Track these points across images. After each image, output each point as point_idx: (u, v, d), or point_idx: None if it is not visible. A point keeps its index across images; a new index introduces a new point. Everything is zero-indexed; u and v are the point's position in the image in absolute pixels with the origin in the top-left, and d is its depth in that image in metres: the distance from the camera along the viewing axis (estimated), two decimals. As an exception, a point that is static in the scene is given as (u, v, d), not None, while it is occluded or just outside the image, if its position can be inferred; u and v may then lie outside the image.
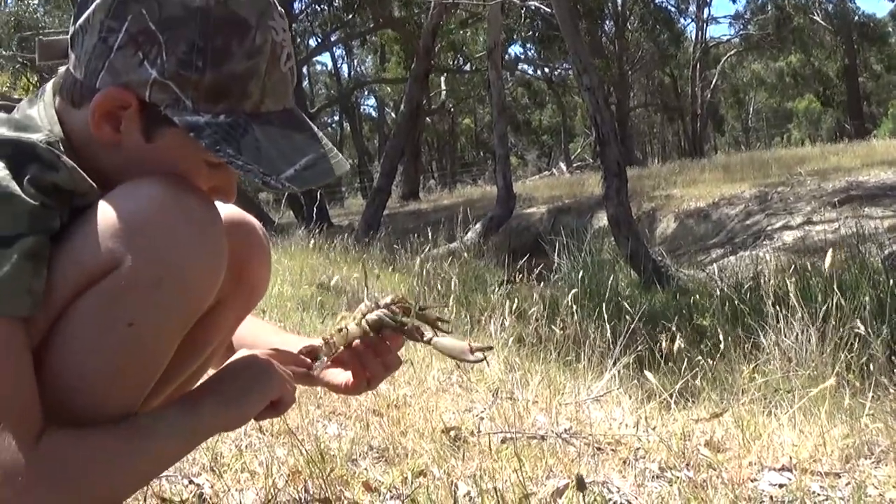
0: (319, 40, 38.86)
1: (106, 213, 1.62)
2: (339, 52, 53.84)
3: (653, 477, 2.88)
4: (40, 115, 1.73)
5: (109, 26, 1.65)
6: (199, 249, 1.66)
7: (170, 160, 1.72)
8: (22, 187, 1.54)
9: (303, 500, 2.45)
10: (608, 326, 5.75)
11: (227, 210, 1.92)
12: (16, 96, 21.54)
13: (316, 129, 1.82)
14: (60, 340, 1.62)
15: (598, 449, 3.18)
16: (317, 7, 39.20)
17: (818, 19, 47.79)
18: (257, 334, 2.28)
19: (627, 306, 6.92)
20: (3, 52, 28.44)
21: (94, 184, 1.69)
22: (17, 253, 1.52)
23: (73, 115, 1.73)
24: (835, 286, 5.96)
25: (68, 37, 1.76)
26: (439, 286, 9.55)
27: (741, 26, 55.03)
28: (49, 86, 1.80)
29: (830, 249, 6.10)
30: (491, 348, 2.12)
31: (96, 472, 1.63)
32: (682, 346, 5.12)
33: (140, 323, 1.62)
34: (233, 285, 1.93)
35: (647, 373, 3.97)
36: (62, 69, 1.79)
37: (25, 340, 1.57)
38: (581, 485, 2.05)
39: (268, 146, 1.69)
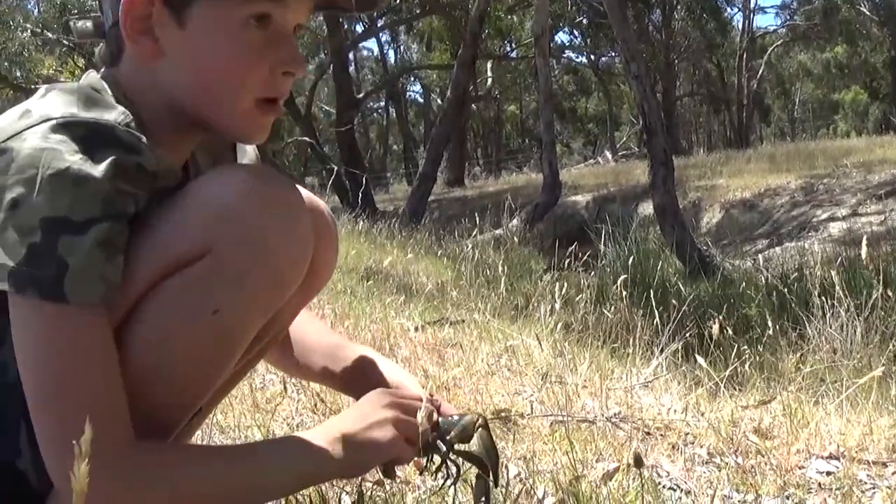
0: (366, 26, 38.77)
1: (193, 200, 1.62)
2: (385, 37, 53.87)
3: (701, 462, 2.90)
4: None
5: None
6: (287, 237, 1.66)
7: (213, 38, 1.66)
8: (99, 170, 1.48)
9: (356, 479, 2.47)
10: (656, 314, 5.76)
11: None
12: (62, 79, 21.60)
13: None
14: (140, 326, 1.60)
15: (647, 433, 3.21)
16: (364, -8, 39.12)
17: (865, 10, 47.29)
18: (321, 338, 2.27)
19: (674, 294, 6.93)
20: (50, 36, 28.50)
21: (172, 164, 1.68)
22: (90, 239, 1.47)
23: (119, 72, 1.71)
24: (880, 277, 5.95)
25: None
26: (486, 271, 9.58)
27: (788, 16, 54.60)
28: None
29: (864, 239, 6.08)
30: None
31: (195, 490, 1.62)
32: (730, 333, 5.13)
33: (225, 310, 1.62)
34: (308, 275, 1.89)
35: (697, 356, 3.97)
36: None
37: (107, 331, 1.55)
38: (638, 462, 2.07)
39: None
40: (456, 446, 1.93)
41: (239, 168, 1.68)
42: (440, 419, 1.93)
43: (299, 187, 1.79)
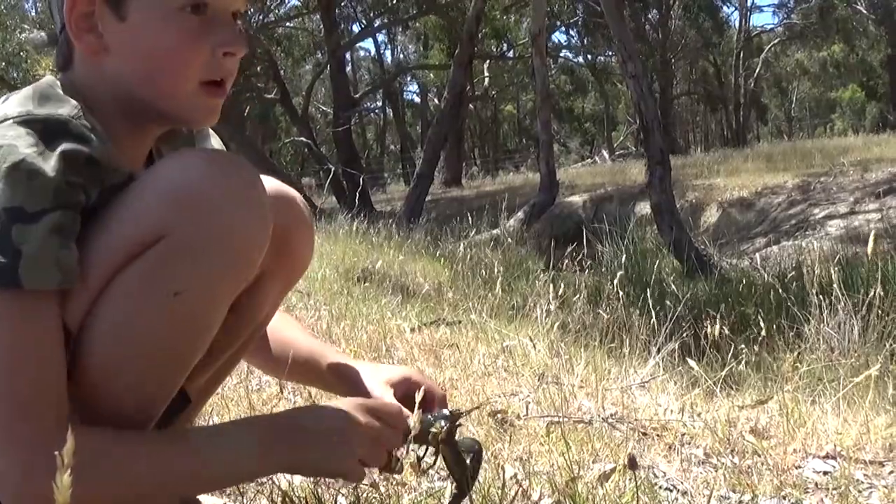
0: (363, 26, 38.80)
1: (149, 184, 1.64)
2: (382, 37, 53.95)
3: (698, 462, 2.90)
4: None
5: None
6: (245, 213, 1.66)
7: (151, 27, 1.71)
8: (50, 164, 1.54)
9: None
10: (653, 313, 5.76)
11: (268, 182, 1.92)
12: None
13: None
14: (102, 316, 1.62)
15: (644, 434, 3.21)
16: (360, -7, 39.26)
17: (861, 9, 47.34)
18: (299, 342, 2.31)
19: (671, 294, 6.92)
20: (45, 36, 28.49)
21: (121, 161, 1.70)
22: (43, 227, 1.51)
23: (71, 73, 1.76)
24: (878, 276, 5.94)
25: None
26: (483, 272, 9.57)
27: (785, 15, 54.63)
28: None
29: (872, 233, 6.08)
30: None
31: (134, 473, 1.64)
32: (726, 333, 5.12)
33: (186, 292, 1.63)
34: (275, 257, 1.92)
35: (689, 360, 3.98)
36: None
37: (56, 317, 1.58)
38: (633, 464, 2.07)
39: None
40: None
41: (192, 151, 1.72)
42: (425, 417, 1.98)
43: (264, 177, 1.81)
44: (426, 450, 2.06)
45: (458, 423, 2.06)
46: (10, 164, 1.51)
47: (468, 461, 2.06)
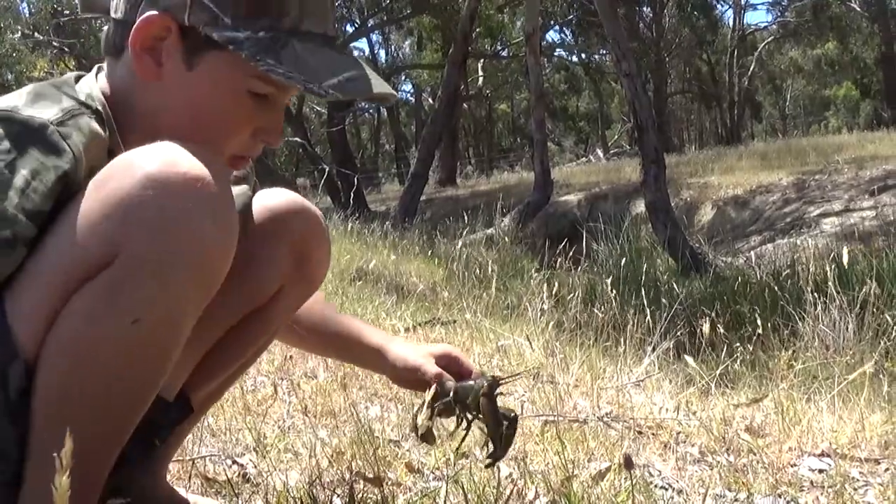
0: (356, 25, 38.77)
1: (95, 195, 1.51)
2: (375, 37, 53.84)
3: (693, 461, 2.90)
4: (80, 86, 1.68)
5: None
6: (206, 221, 1.51)
7: (212, 91, 1.67)
8: (15, 182, 1.47)
9: (347, 481, 2.47)
10: (648, 312, 5.76)
11: (287, 196, 1.91)
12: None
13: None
14: (52, 346, 1.49)
15: (639, 433, 3.21)
16: (354, -8, 39.24)
17: (855, 6, 47.35)
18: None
19: (666, 293, 6.93)
20: (40, 38, 28.43)
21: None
22: None
23: (116, 68, 1.71)
24: (873, 274, 5.95)
25: None
26: (477, 271, 9.58)
27: (779, 13, 54.62)
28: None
29: (846, 247, 6.08)
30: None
31: None
32: (721, 331, 5.13)
33: (145, 318, 1.49)
34: (294, 271, 1.93)
35: (686, 357, 3.98)
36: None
37: None
38: (628, 463, 2.07)
39: (308, 58, 1.62)
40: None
41: (142, 150, 1.52)
42: (458, 385, 2.07)
43: (280, 190, 1.79)
44: (462, 417, 2.11)
45: (499, 385, 2.09)
46: None
47: (505, 427, 2.09)
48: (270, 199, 1.98)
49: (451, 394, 2.08)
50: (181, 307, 1.54)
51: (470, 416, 2.10)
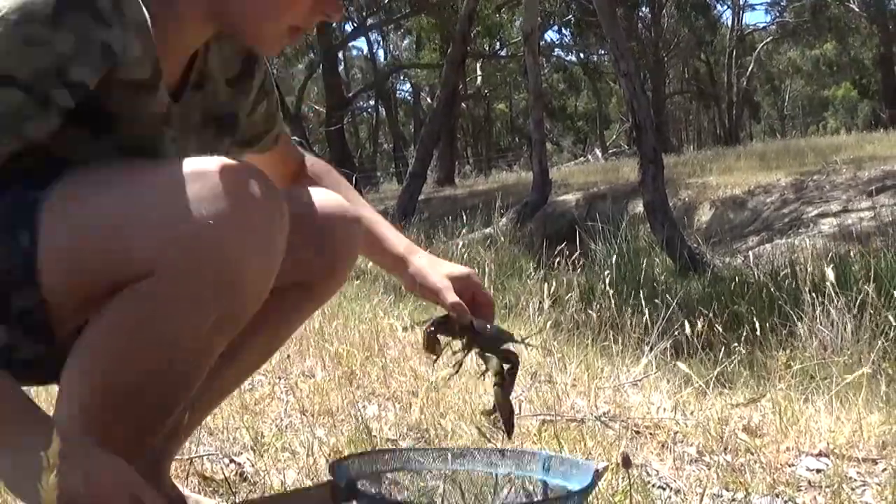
0: (355, 25, 38.79)
1: (140, 204, 1.49)
2: (374, 36, 53.86)
3: (691, 461, 2.90)
4: None
5: None
6: (254, 256, 1.53)
7: None
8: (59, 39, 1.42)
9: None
10: (646, 312, 5.75)
11: (332, 200, 1.92)
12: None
13: None
14: (82, 350, 1.52)
15: (637, 432, 3.21)
16: (353, -9, 39.26)
17: (854, 7, 47.37)
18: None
19: (663, 292, 6.92)
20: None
21: (142, 57, 1.58)
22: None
23: None
24: (871, 275, 5.95)
25: None
26: (475, 270, 9.57)
27: (777, 13, 54.65)
28: None
29: (831, 266, 6.07)
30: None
31: None
32: (719, 331, 5.13)
33: (182, 341, 1.51)
34: (326, 280, 1.94)
35: (679, 363, 3.98)
36: None
37: None
38: (626, 462, 2.07)
39: None
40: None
41: (196, 163, 1.51)
42: (475, 321, 2.11)
43: (324, 192, 1.86)
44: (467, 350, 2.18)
45: (514, 368, 2.16)
46: (15, 16, 1.41)
47: (506, 370, 2.15)
48: (320, 202, 1.95)
49: (466, 336, 2.13)
50: (209, 336, 1.56)
51: (483, 363, 2.14)
